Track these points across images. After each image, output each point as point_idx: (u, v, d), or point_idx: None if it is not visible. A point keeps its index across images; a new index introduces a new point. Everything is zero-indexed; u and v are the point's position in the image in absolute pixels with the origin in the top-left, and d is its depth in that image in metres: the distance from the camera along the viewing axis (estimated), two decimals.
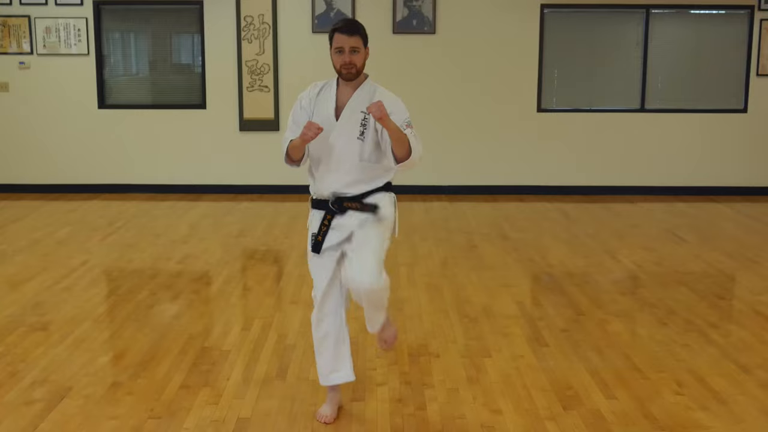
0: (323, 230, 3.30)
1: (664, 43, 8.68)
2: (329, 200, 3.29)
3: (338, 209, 3.28)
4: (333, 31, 3.24)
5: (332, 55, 3.25)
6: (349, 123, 3.26)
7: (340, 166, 3.27)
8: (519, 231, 6.99)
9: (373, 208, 3.27)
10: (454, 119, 8.68)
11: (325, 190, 3.30)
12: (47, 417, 3.33)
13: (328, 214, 3.29)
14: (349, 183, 3.27)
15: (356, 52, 3.21)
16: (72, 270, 5.64)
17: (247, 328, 4.45)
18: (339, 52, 3.22)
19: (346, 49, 3.20)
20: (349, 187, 3.28)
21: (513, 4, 8.54)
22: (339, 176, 3.27)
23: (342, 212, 3.28)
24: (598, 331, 4.42)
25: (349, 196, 3.28)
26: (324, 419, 3.31)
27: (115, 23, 8.75)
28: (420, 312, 4.71)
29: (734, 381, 3.73)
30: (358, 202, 3.27)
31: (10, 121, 8.78)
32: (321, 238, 3.30)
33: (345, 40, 3.20)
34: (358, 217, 3.27)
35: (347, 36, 3.20)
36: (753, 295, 5.14)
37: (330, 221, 3.30)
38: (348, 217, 3.29)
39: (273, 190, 8.75)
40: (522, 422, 3.29)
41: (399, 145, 3.14)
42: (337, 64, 3.24)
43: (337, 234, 3.29)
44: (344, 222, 3.28)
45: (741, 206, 8.24)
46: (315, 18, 8.52)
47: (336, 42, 3.22)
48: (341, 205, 3.28)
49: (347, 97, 3.29)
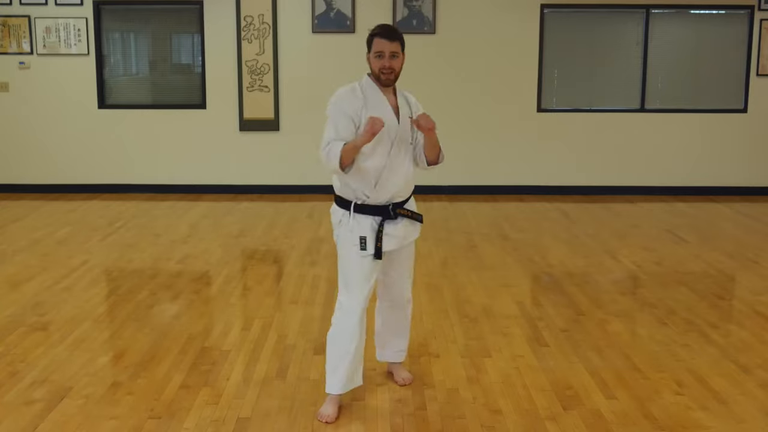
0: (380, 236, 3.34)
1: (664, 43, 8.68)
2: (388, 206, 3.36)
3: (394, 216, 3.38)
4: (372, 36, 3.29)
5: (371, 59, 3.31)
6: (406, 128, 3.37)
7: (400, 171, 3.37)
8: (519, 231, 6.99)
9: (420, 217, 3.51)
10: (454, 119, 8.67)
11: (385, 195, 3.35)
12: (47, 417, 3.33)
13: (384, 219, 3.36)
14: (403, 187, 3.41)
15: (396, 57, 3.28)
16: (72, 270, 5.64)
17: (247, 328, 4.45)
18: (379, 57, 3.27)
19: (386, 53, 3.26)
20: (403, 192, 3.42)
21: (513, 4, 8.54)
22: (398, 181, 3.37)
23: (395, 218, 3.39)
24: (598, 331, 4.42)
25: (400, 201, 3.42)
26: (325, 419, 3.31)
27: (115, 23, 8.76)
28: (420, 312, 4.71)
29: (734, 381, 3.73)
30: (407, 210, 3.45)
31: (10, 121, 8.78)
32: (380, 244, 3.34)
33: (385, 45, 3.26)
34: (405, 226, 3.44)
35: (388, 41, 3.26)
36: (753, 295, 5.14)
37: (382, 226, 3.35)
38: (396, 224, 3.40)
39: (273, 190, 8.75)
40: (522, 422, 3.30)
41: (435, 151, 3.41)
42: (377, 68, 3.29)
43: (391, 240, 3.39)
44: (393, 231, 3.39)
45: (741, 206, 8.24)
46: (315, 18, 8.52)
47: (376, 46, 3.27)
48: (395, 212, 3.39)
49: (392, 101, 3.38)
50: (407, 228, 3.46)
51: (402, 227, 3.42)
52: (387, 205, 3.36)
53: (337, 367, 3.36)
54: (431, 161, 3.44)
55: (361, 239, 3.32)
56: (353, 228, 3.34)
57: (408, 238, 3.48)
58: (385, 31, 3.27)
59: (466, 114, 8.69)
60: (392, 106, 3.37)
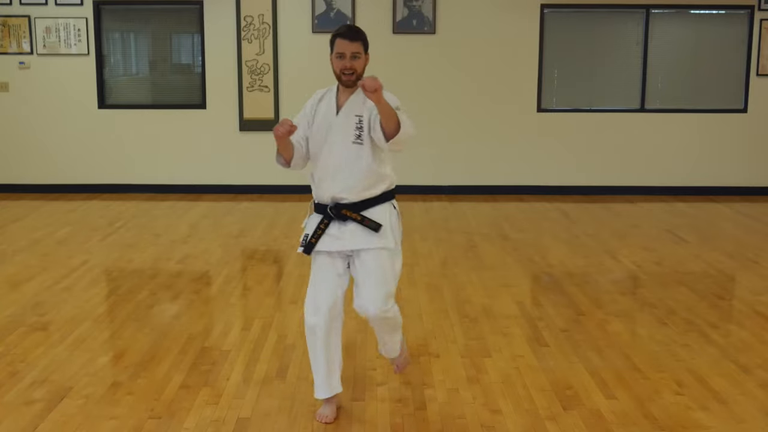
0: (318, 233, 3.29)
1: (664, 43, 8.68)
2: (328, 205, 3.30)
3: (336, 215, 3.27)
4: (334, 36, 3.26)
5: (333, 60, 3.28)
6: (345, 127, 3.27)
7: (338, 171, 3.27)
8: (519, 231, 6.99)
9: (375, 226, 3.24)
10: (454, 119, 8.67)
11: (324, 194, 3.31)
12: (47, 417, 3.33)
13: (325, 218, 3.29)
14: (346, 188, 3.26)
15: (357, 58, 3.24)
16: (72, 270, 5.64)
17: (247, 328, 4.45)
18: (340, 57, 3.25)
19: (348, 54, 3.23)
20: (348, 193, 3.26)
21: (513, 4, 8.54)
22: (337, 181, 3.27)
23: (341, 220, 3.27)
24: (598, 331, 4.42)
25: (347, 202, 3.27)
26: (324, 419, 3.30)
27: (115, 23, 8.75)
28: (420, 312, 4.71)
29: (734, 381, 3.73)
30: (359, 215, 3.25)
31: (10, 121, 8.78)
32: (314, 240, 3.29)
33: (346, 45, 3.23)
34: (354, 230, 3.25)
35: (349, 41, 3.23)
36: (753, 295, 5.14)
37: (327, 226, 3.29)
38: (343, 227, 3.27)
39: (273, 190, 8.74)
40: (522, 422, 3.29)
41: (388, 120, 3.08)
42: (338, 68, 3.27)
43: (334, 242, 3.28)
44: (344, 234, 3.26)
45: (740, 206, 8.24)
46: (315, 18, 8.52)
47: (337, 47, 3.25)
48: (339, 212, 3.26)
49: (341, 100, 3.32)
50: (358, 233, 3.25)
51: (350, 230, 3.26)
52: (328, 204, 3.30)
53: (313, 371, 3.35)
54: (388, 133, 3.11)
55: (304, 236, 3.34)
56: (305, 224, 3.40)
57: (355, 244, 3.25)
58: (347, 32, 3.24)
59: (466, 114, 8.69)
60: (339, 104, 3.31)
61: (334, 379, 3.33)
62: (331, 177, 3.28)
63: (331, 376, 3.32)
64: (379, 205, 3.30)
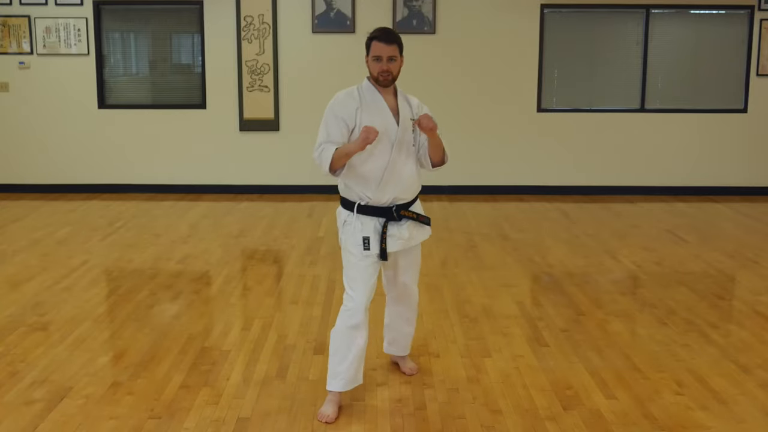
0: (384, 237, 3.38)
1: (664, 43, 8.68)
2: (391, 207, 3.40)
3: (397, 217, 3.41)
4: (370, 39, 3.34)
5: (369, 62, 3.36)
6: (407, 131, 3.39)
7: (403, 173, 3.39)
8: (519, 231, 6.99)
9: (428, 221, 3.52)
10: (454, 119, 8.67)
11: (386, 197, 3.38)
12: (47, 417, 3.33)
13: (388, 221, 3.40)
14: (406, 189, 3.43)
15: (393, 60, 3.33)
16: (72, 270, 5.64)
17: (247, 328, 4.45)
18: (377, 60, 3.33)
19: (384, 57, 3.31)
20: (406, 194, 3.44)
21: (513, 4, 8.54)
22: (401, 183, 3.40)
23: (398, 220, 3.42)
24: (598, 331, 4.42)
25: (403, 203, 3.44)
26: (325, 419, 3.32)
27: (115, 23, 8.76)
28: (420, 312, 4.70)
29: (734, 381, 3.73)
30: (413, 212, 3.46)
31: (10, 121, 8.78)
32: (385, 245, 3.38)
33: (383, 48, 3.31)
34: (410, 228, 3.45)
35: (385, 45, 3.31)
36: (753, 295, 5.14)
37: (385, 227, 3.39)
38: (401, 226, 3.44)
39: (273, 190, 8.75)
40: (522, 422, 3.30)
41: (439, 152, 3.42)
42: (375, 71, 3.35)
43: (396, 242, 3.43)
44: (403, 233, 3.43)
45: (740, 206, 8.24)
46: (315, 18, 8.52)
47: (374, 50, 3.33)
48: (399, 214, 3.41)
49: (391, 103, 3.41)
50: (412, 230, 3.48)
51: (407, 229, 3.44)
52: (390, 206, 3.39)
53: (339, 365, 3.39)
54: (435, 162, 3.47)
55: (364, 240, 3.36)
56: (357, 229, 3.38)
57: (414, 240, 3.50)
58: (383, 35, 3.31)
59: (466, 114, 8.69)
60: (391, 108, 3.40)
61: (359, 373, 3.46)
62: (396, 179, 3.38)
63: (358, 370, 3.44)
64: (418, 201, 3.57)
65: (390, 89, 3.41)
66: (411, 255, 3.57)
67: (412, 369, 3.81)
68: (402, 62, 3.36)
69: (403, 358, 3.86)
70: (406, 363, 3.84)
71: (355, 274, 3.39)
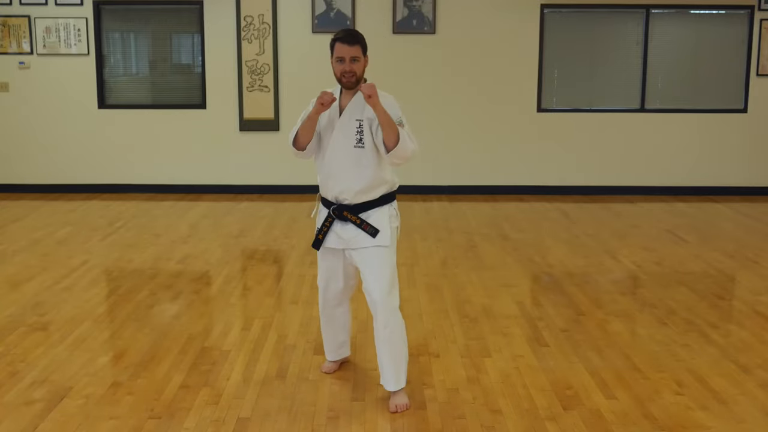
0: (324, 230, 3.47)
1: (664, 43, 8.68)
2: (332, 204, 3.44)
3: (338, 216, 3.42)
4: (334, 40, 3.35)
5: (333, 63, 3.37)
6: (346, 130, 3.38)
7: (340, 172, 3.39)
8: (519, 231, 6.99)
9: (373, 231, 3.38)
10: (453, 119, 8.68)
11: (328, 192, 3.46)
12: (47, 417, 3.33)
13: (329, 217, 3.45)
14: (346, 189, 3.39)
15: (356, 61, 3.33)
16: (72, 270, 5.64)
17: (247, 328, 4.45)
18: (340, 61, 3.34)
19: (347, 58, 3.32)
20: (348, 194, 3.39)
21: (513, 4, 8.54)
22: (339, 183, 3.40)
23: (343, 220, 3.42)
24: (598, 331, 4.42)
25: (349, 204, 3.40)
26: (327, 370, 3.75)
27: (115, 23, 8.76)
28: (420, 312, 4.71)
29: (734, 381, 3.73)
30: (358, 217, 3.39)
31: (10, 121, 8.78)
32: (321, 237, 3.49)
33: (345, 49, 3.32)
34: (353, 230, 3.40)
35: (348, 46, 3.32)
36: (753, 295, 5.14)
37: (331, 224, 3.46)
38: (344, 226, 3.43)
39: (273, 190, 8.75)
40: (522, 422, 3.30)
41: (387, 130, 3.24)
42: (338, 72, 3.36)
43: (337, 240, 3.46)
44: (344, 234, 3.43)
45: (740, 206, 8.24)
46: (315, 18, 8.52)
47: (337, 51, 3.34)
48: (341, 214, 3.41)
49: (343, 103, 3.41)
50: (357, 234, 3.39)
51: (350, 230, 3.42)
52: (332, 202, 3.45)
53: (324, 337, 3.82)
54: (388, 145, 3.24)
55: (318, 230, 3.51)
56: (316, 215, 3.58)
57: (356, 243, 3.39)
58: (345, 36, 3.33)
59: (466, 114, 8.69)
60: (341, 106, 3.41)
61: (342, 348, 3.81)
62: (334, 177, 3.41)
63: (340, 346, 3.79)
64: (378, 207, 3.42)
65: (353, 91, 3.38)
66: (365, 257, 3.39)
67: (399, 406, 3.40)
68: (366, 62, 3.36)
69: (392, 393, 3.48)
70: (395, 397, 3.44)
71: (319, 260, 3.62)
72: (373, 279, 3.38)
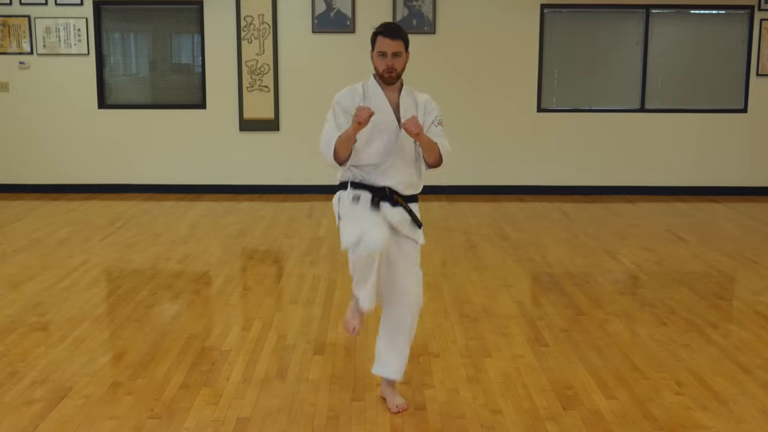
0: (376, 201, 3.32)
1: (664, 43, 8.68)
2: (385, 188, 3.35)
3: (390, 200, 3.35)
4: (375, 34, 3.30)
5: (374, 57, 3.31)
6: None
7: (399, 170, 3.36)
8: (519, 231, 6.99)
9: (418, 222, 3.45)
10: (453, 119, 8.65)
11: (384, 181, 3.36)
12: (47, 417, 3.33)
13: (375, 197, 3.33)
14: (403, 182, 3.39)
15: (398, 56, 3.29)
16: (72, 270, 5.64)
17: (247, 328, 4.45)
18: (382, 56, 3.28)
19: (389, 53, 3.27)
20: (401, 186, 3.38)
21: (513, 4, 8.54)
22: (398, 176, 3.36)
23: (392, 204, 3.36)
24: (598, 331, 4.42)
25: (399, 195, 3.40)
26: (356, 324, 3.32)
27: (115, 23, 8.76)
28: (420, 312, 4.70)
29: (734, 381, 3.73)
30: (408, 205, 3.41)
31: (10, 121, 8.78)
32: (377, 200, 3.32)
33: (387, 43, 3.26)
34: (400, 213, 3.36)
35: (390, 40, 3.26)
36: (753, 295, 5.14)
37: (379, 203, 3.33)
38: (396, 212, 3.37)
39: (273, 190, 8.75)
40: (522, 422, 3.29)
41: (430, 153, 3.33)
42: (380, 67, 3.30)
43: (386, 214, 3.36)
44: (392, 217, 3.35)
45: (741, 206, 8.24)
46: (315, 18, 8.52)
47: (379, 46, 3.28)
48: (391, 196, 3.36)
49: (394, 100, 3.37)
50: (402, 217, 3.37)
51: (397, 212, 3.36)
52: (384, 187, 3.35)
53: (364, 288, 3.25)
54: (430, 164, 3.40)
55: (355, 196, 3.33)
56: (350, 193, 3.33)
57: (402, 228, 3.37)
58: (388, 30, 3.27)
59: (466, 114, 8.69)
60: (393, 104, 3.36)
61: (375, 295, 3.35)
62: (395, 172, 3.36)
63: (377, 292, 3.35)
64: (415, 203, 3.49)
65: (395, 86, 3.37)
66: (405, 249, 3.40)
67: (399, 406, 3.39)
68: (408, 58, 3.32)
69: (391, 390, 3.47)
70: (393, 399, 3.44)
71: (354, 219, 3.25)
72: (409, 272, 3.43)
